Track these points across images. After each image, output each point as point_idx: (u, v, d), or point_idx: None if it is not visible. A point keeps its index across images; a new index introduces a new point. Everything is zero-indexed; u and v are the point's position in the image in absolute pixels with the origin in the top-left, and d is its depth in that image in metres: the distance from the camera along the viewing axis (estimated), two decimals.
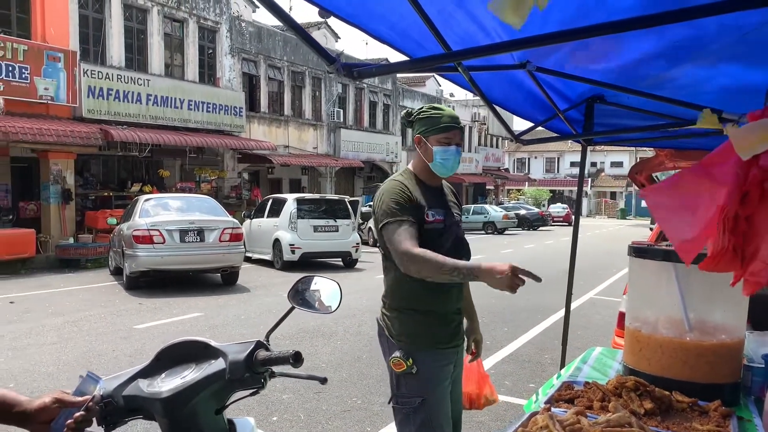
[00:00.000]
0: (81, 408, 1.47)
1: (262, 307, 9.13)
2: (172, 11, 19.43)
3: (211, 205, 12.10)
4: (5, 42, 14.18)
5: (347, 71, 1.65)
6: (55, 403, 1.47)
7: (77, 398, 1.49)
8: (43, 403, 1.48)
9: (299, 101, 25.89)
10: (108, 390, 1.61)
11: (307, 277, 1.86)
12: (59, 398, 1.48)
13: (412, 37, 1.96)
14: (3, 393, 1.50)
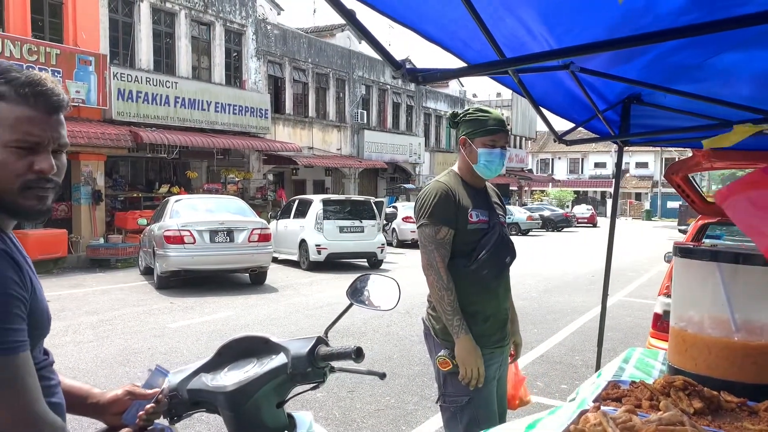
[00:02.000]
0: (151, 400, 1.53)
1: (290, 307, 9.22)
2: (199, 14, 19.68)
3: (239, 205, 12.24)
4: (38, 46, 14.49)
5: (412, 77, 1.69)
6: (126, 396, 1.53)
7: (147, 391, 1.55)
8: (115, 396, 1.54)
9: (323, 103, 26.04)
10: (173, 384, 1.67)
11: (365, 275, 1.91)
12: (131, 391, 1.54)
13: (460, 37, 2.00)
14: (78, 385, 1.57)
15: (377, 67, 29.30)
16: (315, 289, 11.14)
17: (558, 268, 14.70)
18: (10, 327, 1.14)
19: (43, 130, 1.26)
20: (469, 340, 2.46)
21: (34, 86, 1.25)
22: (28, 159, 1.25)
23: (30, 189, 1.26)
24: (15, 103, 1.23)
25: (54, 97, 1.28)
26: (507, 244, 2.64)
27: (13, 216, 1.30)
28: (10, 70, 1.27)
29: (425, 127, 34.04)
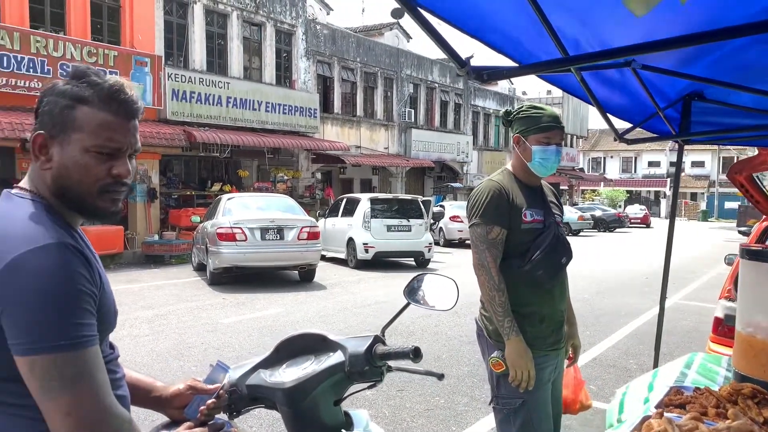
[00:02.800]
0: (212, 395, 1.55)
1: (339, 305, 9.28)
2: (250, 15, 20.01)
3: (289, 204, 12.40)
4: (97, 48, 14.98)
5: (477, 74, 1.67)
6: (188, 390, 1.56)
7: (209, 386, 1.57)
8: (177, 390, 1.57)
9: (371, 102, 26.12)
10: (233, 379, 1.69)
11: (423, 274, 1.89)
12: (192, 385, 1.57)
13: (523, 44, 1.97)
14: (142, 378, 1.60)
15: (425, 66, 29.22)
16: (363, 288, 11.18)
17: (611, 270, 14.37)
18: (80, 322, 1.16)
19: (123, 136, 1.30)
20: (520, 342, 2.42)
21: (117, 93, 1.29)
22: (108, 163, 1.28)
23: (107, 192, 1.30)
24: (98, 108, 1.27)
25: (134, 104, 1.32)
26: (563, 244, 2.58)
27: (85, 215, 1.33)
28: (90, 74, 1.31)
29: (473, 125, 33.78)
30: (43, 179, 1.29)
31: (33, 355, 1.13)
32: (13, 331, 1.14)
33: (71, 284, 1.17)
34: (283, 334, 1.75)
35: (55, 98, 1.28)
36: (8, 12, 13.80)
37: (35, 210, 1.24)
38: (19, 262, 1.14)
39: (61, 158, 1.27)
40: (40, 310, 1.12)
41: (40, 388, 1.14)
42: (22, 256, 1.14)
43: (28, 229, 1.19)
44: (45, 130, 1.28)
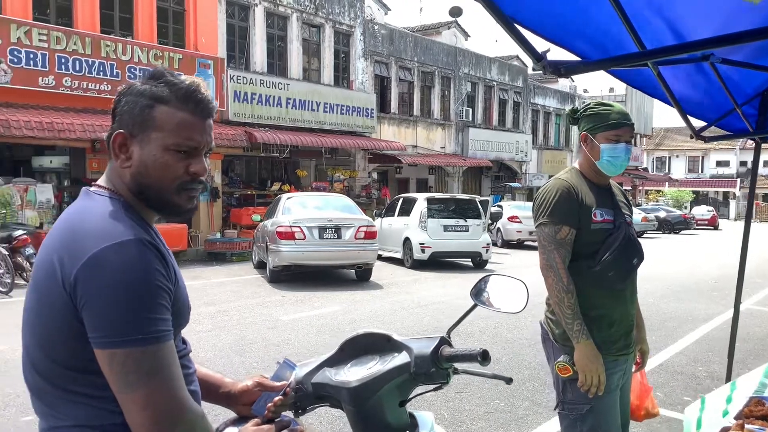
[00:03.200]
0: (279, 393, 1.56)
1: (396, 305, 9.28)
2: (310, 17, 20.26)
3: (346, 203, 12.49)
4: (163, 51, 15.47)
5: (554, 68, 1.62)
6: (256, 387, 1.57)
7: (276, 383, 1.58)
8: (245, 386, 1.58)
9: (428, 101, 26.04)
10: (298, 377, 1.70)
11: (491, 275, 1.86)
12: (260, 382, 1.58)
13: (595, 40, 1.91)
14: (211, 374, 1.63)
15: (483, 64, 28.93)
16: (419, 288, 11.15)
17: (677, 273, 13.87)
18: (157, 317, 1.19)
19: (200, 135, 1.33)
20: (590, 346, 2.34)
21: (194, 93, 1.32)
22: (185, 162, 1.32)
23: (184, 190, 1.33)
24: (176, 108, 1.30)
25: (209, 103, 1.35)
26: (634, 245, 2.50)
27: (162, 212, 1.37)
28: (167, 74, 1.34)
29: (533, 123, 33.23)
30: (122, 177, 1.33)
31: (112, 348, 1.16)
32: (93, 325, 1.17)
33: (148, 280, 1.19)
34: (341, 333, 1.76)
35: (134, 98, 1.32)
36: (81, 18, 14.41)
37: (113, 207, 1.28)
38: (99, 258, 1.17)
39: (141, 156, 1.30)
40: (118, 305, 1.15)
41: (117, 381, 1.17)
42: (102, 251, 1.17)
43: (107, 225, 1.22)
44: (125, 129, 1.31)
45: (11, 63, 12.74)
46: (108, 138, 1.37)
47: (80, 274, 1.17)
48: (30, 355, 1.28)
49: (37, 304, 1.25)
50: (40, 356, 1.25)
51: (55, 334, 1.22)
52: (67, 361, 1.22)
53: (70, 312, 1.19)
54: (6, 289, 9.36)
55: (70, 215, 1.30)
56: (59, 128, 12.58)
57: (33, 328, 1.27)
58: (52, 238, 1.27)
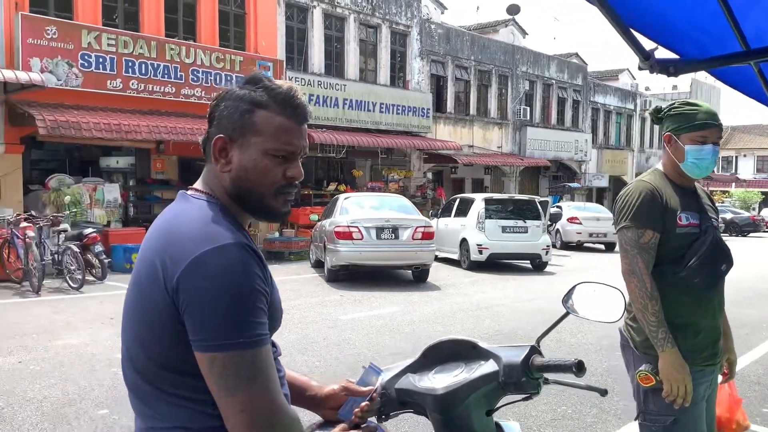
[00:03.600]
0: (366, 398, 1.54)
1: (454, 306, 9.20)
2: (367, 18, 20.35)
3: (403, 203, 12.48)
4: (225, 54, 15.80)
5: (662, 67, 1.56)
6: (343, 391, 1.56)
7: (363, 388, 1.56)
8: (332, 390, 1.57)
9: (485, 100, 25.78)
10: (382, 382, 1.67)
11: (583, 283, 1.79)
12: (346, 387, 1.57)
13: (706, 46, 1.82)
14: (298, 377, 1.62)
15: (542, 62, 28.45)
16: (477, 289, 11.03)
17: (747, 277, 13.29)
18: (257, 320, 1.19)
19: (298, 139, 1.34)
20: (676, 355, 2.25)
21: (292, 98, 1.33)
22: (283, 166, 1.32)
23: (282, 194, 1.34)
24: (275, 112, 1.31)
25: (306, 109, 1.36)
26: (722, 250, 2.38)
27: (259, 216, 1.39)
28: (262, 79, 1.36)
29: (593, 122, 32.46)
30: (221, 180, 1.34)
31: (212, 352, 1.16)
32: (195, 328, 1.18)
33: (249, 283, 1.20)
34: (401, 334, 1.73)
35: (233, 103, 1.33)
36: (146, 22, 14.87)
37: (212, 210, 1.29)
38: (201, 261, 1.18)
39: (241, 160, 1.31)
40: (220, 309, 1.16)
41: (217, 384, 1.17)
42: (204, 254, 1.18)
43: (206, 228, 1.23)
44: (225, 134, 1.32)
45: (82, 67, 13.25)
46: (204, 142, 1.38)
47: (182, 277, 1.18)
48: (130, 354, 1.30)
49: (139, 305, 1.27)
50: (140, 356, 1.27)
51: (156, 336, 1.23)
52: (167, 363, 1.24)
53: (172, 315, 1.20)
54: (77, 285, 9.73)
55: (169, 217, 1.32)
56: (126, 129, 13.00)
57: (134, 329, 1.29)
58: (152, 240, 1.29)
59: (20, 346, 6.23)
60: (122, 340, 1.34)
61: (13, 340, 6.44)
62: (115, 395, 4.76)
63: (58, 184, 13.05)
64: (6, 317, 7.64)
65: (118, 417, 4.30)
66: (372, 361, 1.70)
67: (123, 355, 1.33)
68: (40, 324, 7.28)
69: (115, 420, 4.25)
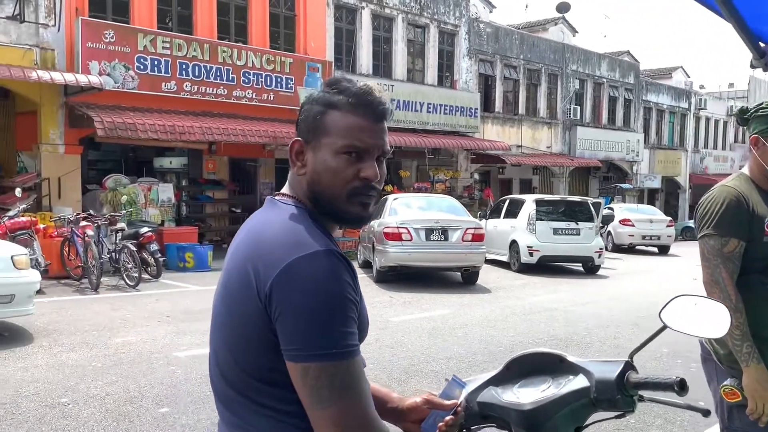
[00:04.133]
0: (450, 412, 1.49)
1: (506, 310, 9.06)
2: (415, 18, 20.29)
3: (452, 204, 12.38)
4: (275, 56, 15.98)
5: None
6: (425, 404, 1.51)
7: (446, 402, 1.52)
8: (414, 403, 1.53)
9: (533, 99, 25.41)
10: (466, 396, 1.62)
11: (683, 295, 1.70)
12: (429, 400, 1.52)
13: None
14: (379, 388, 1.58)
15: (593, 60, 27.89)
16: (528, 293, 10.85)
17: None
18: (349, 330, 1.16)
19: (370, 137, 1.29)
20: (762, 371, 2.12)
21: (364, 96, 1.29)
22: (356, 166, 1.28)
23: (356, 196, 1.29)
24: (346, 111, 1.28)
25: (380, 106, 1.31)
26: None
27: (337, 221, 1.34)
28: (341, 80, 1.33)
29: (645, 122, 31.64)
30: (301, 185, 1.32)
31: (305, 362, 1.13)
32: (287, 337, 1.15)
33: (340, 292, 1.16)
34: (454, 337, 1.68)
35: (310, 106, 1.32)
36: (199, 25, 15.15)
37: (300, 216, 1.27)
38: (292, 269, 1.15)
39: (314, 163, 1.29)
40: (313, 318, 1.13)
41: (309, 396, 1.14)
42: (296, 262, 1.16)
43: (296, 235, 1.21)
44: (301, 137, 1.31)
45: (138, 70, 13.58)
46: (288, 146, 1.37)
47: (275, 284, 1.16)
48: (219, 360, 1.29)
49: (229, 311, 1.25)
50: (229, 363, 1.25)
51: (246, 344, 1.21)
52: (257, 372, 1.22)
53: (264, 323, 1.18)
54: (134, 283, 9.96)
55: (259, 223, 1.30)
56: (180, 131, 13.26)
57: (224, 335, 1.27)
58: (242, 245, 1.27)
59: (82, 342, 6.39)
60: (210, 344, 1.33)
61: (75, 337, 6.62)
62: (175, 393, 4.83)
63: (114, 184, 13.40)
64: (67, 313, 7.87)
65: (179, 416, 4.36)
66: (455, 374, 1.65)
67: (210, 360, 1.32)
68: (99, 321, 7.47)
69: (176, 419, 4.31)
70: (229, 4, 15.87)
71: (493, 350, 6.53)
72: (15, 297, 6.23)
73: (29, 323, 7.00)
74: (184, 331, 7.00)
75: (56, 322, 7.27)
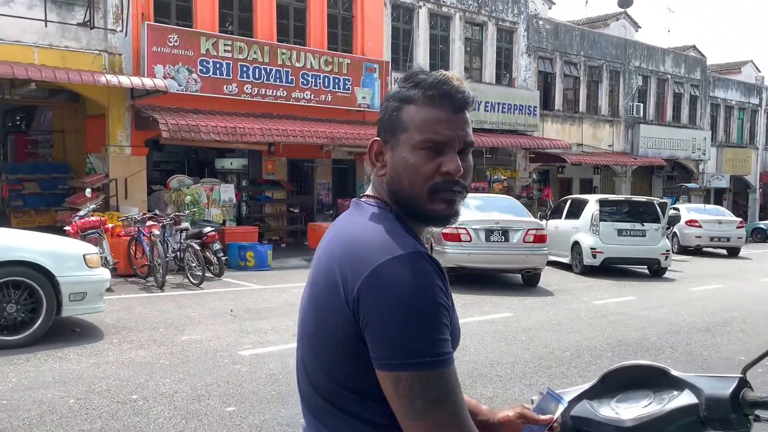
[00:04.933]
0: (545, 427, 1.41)
1: (571, 313, 8.81)
2: (472, 16, 20.08)
3: (513, 204, 12.15)
4: (333, 57, 16.07)
5: None
6: (519, 418, 1.43)
7: (541, 417, 1.43)
8: (506, 416, 1.45)
9: (595, 97, 24.77)
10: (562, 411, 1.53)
11: None
12: (523, 414, 1.44)
13: None
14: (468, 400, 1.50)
15: (656, 56, 27.00)
16: (593, 296, 10.53)
17: None
18: (441, 337, 1.09)
19: (449, 129, 1.22)
20: None
21: (440, 86, 1.22)
22: (436, 161, 1.20)
23: (438, 192, 1.22)
24: (422, 104, 1.21)
25: (458, 95, 1.23)
26: None
27: (421, 221, 1.27)
28: (417, 73, 1.27)
29: (712, 119, 30.41)
30: (382, 186, 1.27)
31: (397, 371, 1.07)
32: (377, 345, 1.09)
33: (431, 296, 1.10)
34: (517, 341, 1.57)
35: (387, 103, 1.27)
36: (260, 28, 15.37)
37: (386, 218, 1.21)
38: (381, 272, 1.09)
39: (393, 162, 1.23)
40: (404, 324, 1.07)
41: (403, 407, 1.08)
42: (384, 265, 1.10)
43: (383, 237, 1.15)
44: (380, 136, 1.26)
45: (201, 73, 13.88)
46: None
47: (363, 289, 1.10)
48: (306, 367, 1.24)
49: (317, 317, 1.20)
50: (316, 370, 1.21)
51: (333, 351, 1.16)
52: (346, 382, 1.16)
53: (352, 329, 1.12)
54: (197, 281, 10.17)
55: (345, 225, 1.26)
56: (241, 132, 13.48)
57: (311, 340, 1.22)
58: (330, 247, 1.23)
59: (150, 340, 6.54)
60: (297, 351, 1.29)
61: (143, 334, 6.78)
62: (241, 392, 4.87)
63: (178, 184, 13.74)
64: (135, 311, 8.08)
65: (245, 416, 4.38)
66: (549, 387, 1.55)
67: (298, 366, 1.28)
68: (166, 319, 7.64)
69: (243, 418, 4.33)
70: (288, 6, 16.04)
71: (559, 355, 6.35)
72: (87, 294, 6.42)
73: (99, 320, 7.21)
74: (247, 329, 7.08)
75: (125, 320, 7.48)
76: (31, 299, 6.05)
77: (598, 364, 6.00)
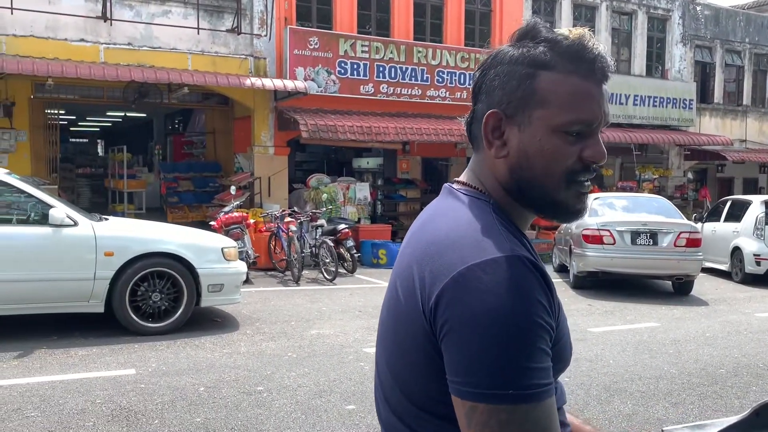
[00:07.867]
0: None
1: (728, 326, 7.90)
2: (621, 5, 18.88)
3: (663, 205, 11.20)
4: (469, 53, 15.77)
5: None
6: None
7: None
8: None
9: (762, 88, 22.33)
10: None
11: None
12: None
13: None
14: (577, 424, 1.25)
15: None
16: (755, 307, 9.40)
17: None
18: (534, 366, 0.86)
19: (597, 105, 0.99)
20: None
21: (585, 50, 0.99)
22: (579, 145, 0.98)
23: (575, 183, 0.99)
24: (564, 72, 0.98)
25: (605, 60, 1.01)
26: None
27: (546, 214, 1.05)
28: (543, 29, 1.03)
29: None
30: (495, 170, 1.03)
31: (472, 400, 0.87)
32: (452, 366, 0.89)
33: (527, 313, 0.87)
34: (663, 355, 1.25)
35: (507, 68, 1.02)
36: (397, 28, 15.45)
37: (481, 210, 0.99)
38: (465, 279, 0.89)
39: (520, 143, 0.99)
40: (486, 344, 0.86)
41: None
42: (470, 270, 0.89)
43: (474, 235, 0.94)
44: (499, 108, 1.01)
45: (339, 74, 14.19)
46: (469, 124, 1.09)
47: (442, 297, 0.90)
48: (382, 383, 1.07)
49: (394, 324, 1.02)
50: (393, 388, 1.03)
51: (410, 366, 0.98)
52: (424, 403, 0.98)
53: (429, 341, 0.93)
54: (331, 276, 10.38)
55: (430, 216, 1.05)
56: (376, 132, 13.63)
57: (387, 352, 1.05)
58: (410, 242, 1.04)
59: (281, 332, 6.71)
60: (376, 364, 1.11)
61: (275, 326, 6.97)
62: (362, 390, 4.80)
63: (317, 183, 14.19)
64: (270, 303, 8.37)
65: (364, 415, 4.30)
66: (664, 426, 1.26)
67: (376, 383, 1.10)
68: (298, 312, 7.83)
69: (362, 418, 4.26)
70: (425, 4, 15.98)
71: (712, 372, 5.67)
72: (224, 286, 6.72)
73: (236, 311, 7.54)
74: (374, 327, 7.05)
75: (260, 312, 7.75)
76: (173, 289, 6.43)
77: (760, 385, 5.28)
